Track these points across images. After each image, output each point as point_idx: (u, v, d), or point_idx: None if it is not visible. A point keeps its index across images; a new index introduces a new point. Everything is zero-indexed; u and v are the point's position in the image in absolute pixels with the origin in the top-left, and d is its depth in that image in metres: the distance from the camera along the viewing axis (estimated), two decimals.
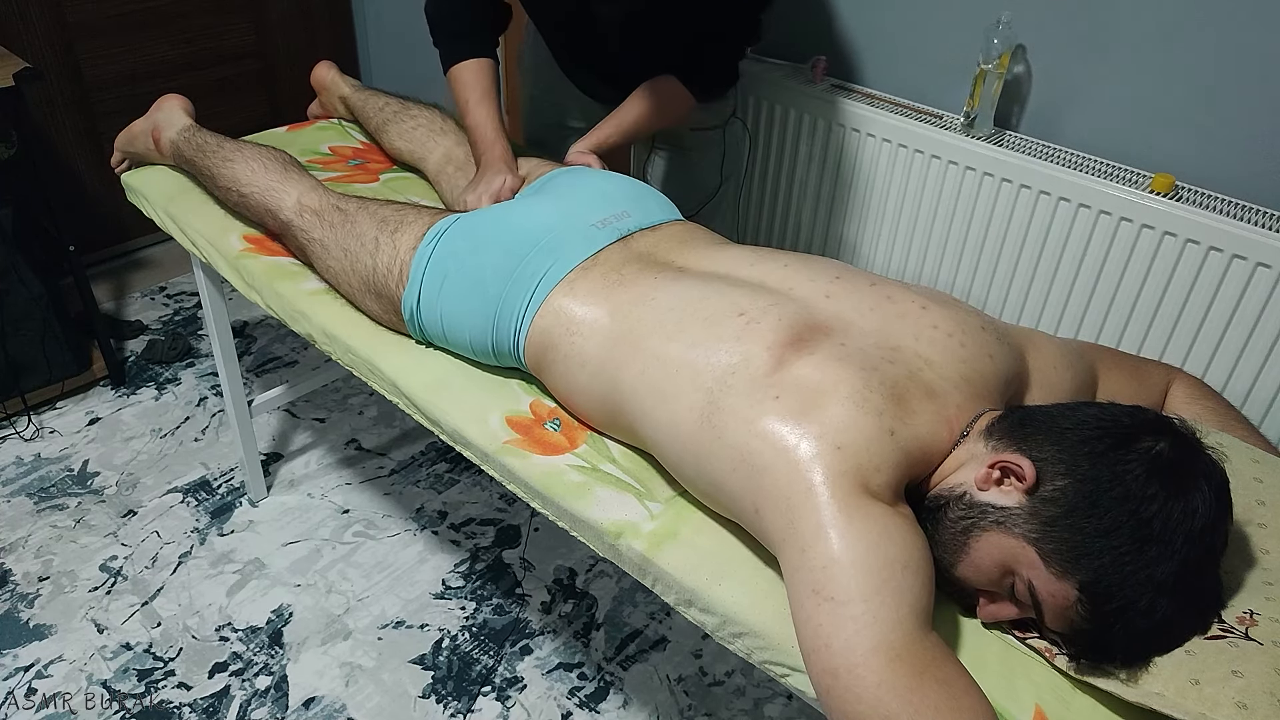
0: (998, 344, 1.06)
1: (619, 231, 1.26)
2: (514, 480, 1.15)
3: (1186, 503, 0.84)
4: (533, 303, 1.19)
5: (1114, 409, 0.92)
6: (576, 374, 1.14)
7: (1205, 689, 0.81)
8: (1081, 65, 1.65)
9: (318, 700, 1.65)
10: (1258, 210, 1.52)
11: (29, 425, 2.22)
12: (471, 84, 1.54)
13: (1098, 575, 0.84)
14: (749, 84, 2.01)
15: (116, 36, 2.58)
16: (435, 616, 1.81)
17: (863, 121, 1.86)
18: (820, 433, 0.90)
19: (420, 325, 1.29)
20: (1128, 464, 0.86)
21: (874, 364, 0.97)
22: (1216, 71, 1.52)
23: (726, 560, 1.01)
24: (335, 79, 1.91)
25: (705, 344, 1.02)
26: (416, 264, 1.27)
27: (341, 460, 2.18)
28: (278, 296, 1.43)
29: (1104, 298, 1.66)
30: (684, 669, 1.73)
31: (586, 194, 1.34)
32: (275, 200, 1.46)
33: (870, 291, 1.08)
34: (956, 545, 0.92)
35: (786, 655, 0.92)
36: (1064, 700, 0.88)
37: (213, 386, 2.38)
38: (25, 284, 2.10)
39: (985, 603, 0.94)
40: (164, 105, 1.69)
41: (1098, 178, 1.60)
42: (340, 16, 3.08)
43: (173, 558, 1.91)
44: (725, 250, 1.22)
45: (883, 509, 0.87)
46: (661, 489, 1.11)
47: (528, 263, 1.21)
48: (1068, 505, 0.86)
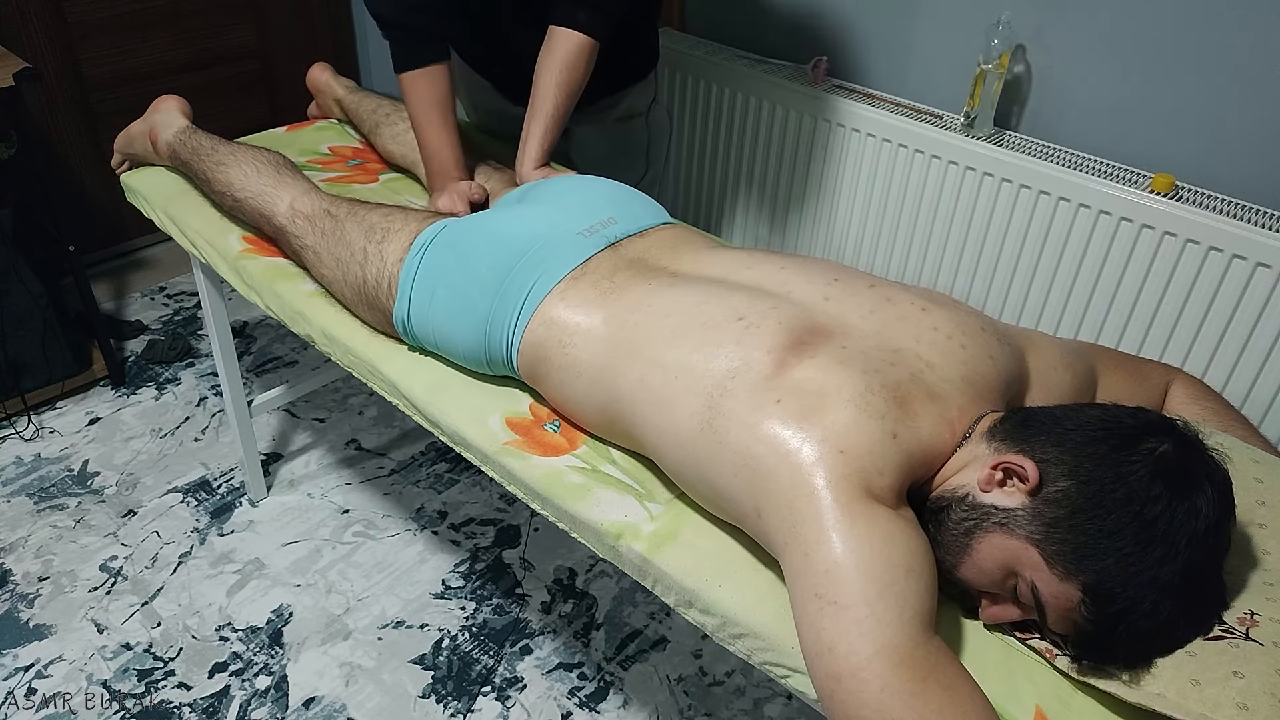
0: (998, 345, 1.06)
1: (606, 239, 1.25)
2: (514, 481, 1.15)
3: (1190, 504, 0.84)
4: (522, 316, 1.18)
5: (1117, 410, 0.92)
6: (573, 384, 1.13)
7: (1206, 690, 0.81)
8: (1081, 65, 1.65)
9: (318, 700, 1.65)
10: (1258, 210, 1.52)
11: (29, 425, 2.22)
12: (426, 102, 1.52)
13: (1101, 577, 0.84)
14: (749, 84, 2.01)
15: (116, 36, 2.58)
16: (435, 616, 1.81)
17: (863, 121, 1.86)
18: (823, 436, 0.90)
19: (413, 337, 1.28)
20: (1131, 465, 0.85)
21: (876, 366, 0.97)
22: (1216, 71, 1.52)
23: (727, 561, 1.01)
24: (330, 81, 1.90)
25: (704, 349, 1.02)
26: (404, 277, 1.26)
27: (341, 460, 2.18)
28: (277, 297, 1.43)
29: (1104, 298, 1.66)
30: (684, 669, 1.73)
31: (570, 202, 1.32)
32: (269, 206, 1.45)
33: (869, 293, 1.08)
34: (959, 547, 0.92)
35: (787, 656, 0.92)
36: (1065, 701, 0.88)
37: (213, 386, 2.38)
38: (25, 284, 2.10)
39: (988, 604, 0.94)
40: (161, 107, 1.69)
41: (1098, 178, 1.60)
42: (339, 17, 3.08)
43: (173, 558, 1.91)
44: (719, 253, 1.21)
45: (886, 512, 0.87)
46: (661, 490, 1.11)
47: (514, 276, 1.20)
48: (1071, 506, 0.86)
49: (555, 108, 1.50)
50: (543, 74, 1.50)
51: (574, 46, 1.48)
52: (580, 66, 1.50)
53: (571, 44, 1.48)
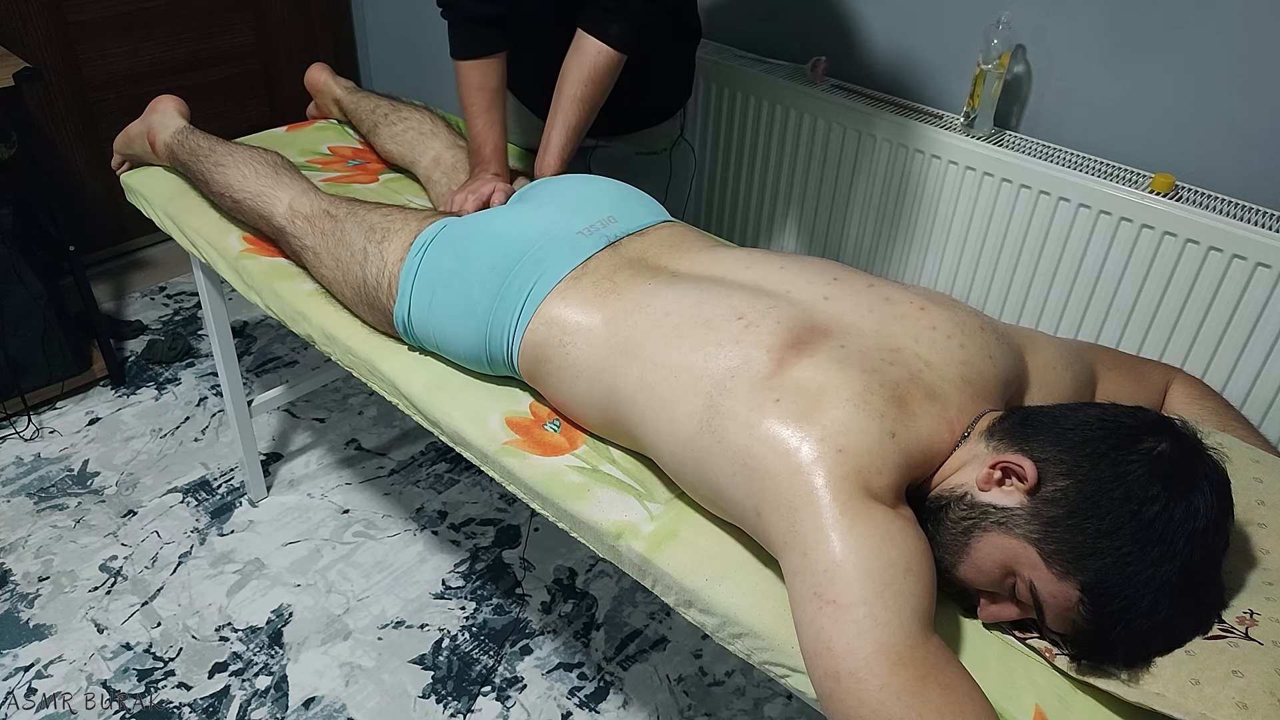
0: (997, 344, 1.06)
1: (606, 238, 1.25)
2: (514, 481, 1.15)
3: (1188, 503, 0.84)
4: (523, 316, 1.18)
5: (1115, 409, 0.92)
6: (573, 383, 1.13)
7: (1205, 689, 0.81)
8: (1081, 65, 1.65)
9: (318, 700, 1.65)
10: (1258, 210, 1.52)
11: (29, 425, 2.22)
12: (478, 88, 1.50)
13: (1099, 576, 0.84)
14: (749, 84, 2.01)
15: (116, 36, 2.58)
16: (435, 616, 1.81)
17: (863, 121, 1.86)
18: (822, 435, 0.90)
19: (414, 337, 1.28)
20: (1129, 464, 0.85)
21: (874, 366, 0.97)
22: (1216, 71, 1.52)
23: (726, 561, 1.01)
24: (328, 81, 1.90)
25: (704, 348, 1.02)
26: (404, 277, 1.26)
27: (341, 460, 2.18)
28: (277, 297, 1.43)
29: (1104, 298, 1.66)
30: (684, 669, 1.73)
31: (570, 201, 1.32)
32: (268, 206, 1.45)
33: (868, 293, 1.08)
34: (958, 546, 0.92)
35: (786, 656, 0.92)
36: (1064, 701, 0.88)
37: (213, 386, 2.38)
38: (25, 284, 2.10)
39: (986, 603, 0.94)
40: (158, 107, 1.69)
41: (1098, 178, 1.60)
42: (339, 17, 3.08)
43: (173, 558, 1.91)
44: (718, 252, 1.21)
45: (884, 511, 0.87)
46: (661, 490, 1.11)
47: (514, 276, 1.20)
48: (1069, 506, 0.86)
49: (578, 119, 1.50)
50: (567, 83, 1.49)
51: (602, 61, 1.46)
52: (605, 80, 1.49)
53: (601, 58, 1.46)
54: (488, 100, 1.51)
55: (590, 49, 1.46)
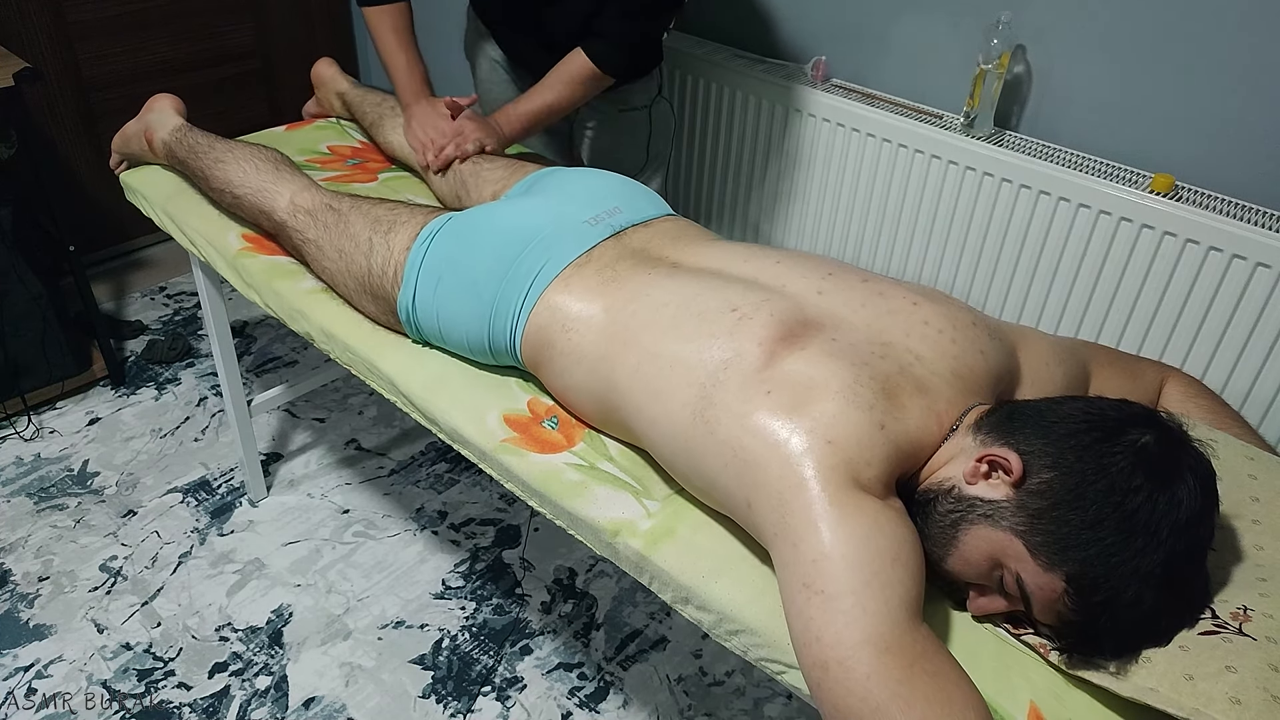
0: (989, 340, 1.06)
1: (611, 228, 1.27)
2: (511, 479, 1.15)
3: (1171, 495, 0.84)
4: (528, 300, 1.19)
5: (1101, 403, 0.93)
6: (573, 370, 1.14)
7: (1199, 684, 0.81)
8: (1081, 65, 1.65)
9: (318, 700, 1.65)
10: (1258, 210, 1.52)
11: (29, 425, 2.22)
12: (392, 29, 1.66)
13: (1084, 567, 0.84)
14: (749, 84, 2.01)
15: (116, 36, 2.59)
16: (435, 616, 1.81)
17: (863, 121, 1.86)
18: (811, 427, 0.90)
19: (416, 325, 1.29)
20: (1113, 456, 0.86)
21: (865, 359, 0.97)
22: (1216, 71, 1.52)
23: (723, 558, 1.01)
24: (335, 75, 1.92)
25: (698, 340, 1.02)
26: (410, 264, 1.27)
27: (341, 460, 2.18)
28: (276, 295, 1.44)
29: (1104, 298, 1.66)
30: (684, 669, 1.73)
31: (576, 192, 1.34)
32: (268, 201, 1.45)
33: (862, 288, 1.08)
34: (946, 539, 0.93)
35: (783, 652, 0.92)
36: (1059, 697, 0.88)
37: (213, 386, 2.38)
38: (25, 284, 2.10)
39: (975, 596, 0.94)
40: (155, 106, 1.69)
41: (1098, 178, 1.60)
42: (339, 16, 3.09)
43: (173, 558, 1.91)
44: (718, 246, 1.23)
45: (873, 502, 0.87)
46: (659, 487, 1.11)
47: (520, 262, 1.21)
48: (1054, 498, 0.87)
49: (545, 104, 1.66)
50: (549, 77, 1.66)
51: (586, 72, 1.64)
52: (580, 90, 1.66)
53: (585, 69, 1.63)
54: (404, 39, 1.67)
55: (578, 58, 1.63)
